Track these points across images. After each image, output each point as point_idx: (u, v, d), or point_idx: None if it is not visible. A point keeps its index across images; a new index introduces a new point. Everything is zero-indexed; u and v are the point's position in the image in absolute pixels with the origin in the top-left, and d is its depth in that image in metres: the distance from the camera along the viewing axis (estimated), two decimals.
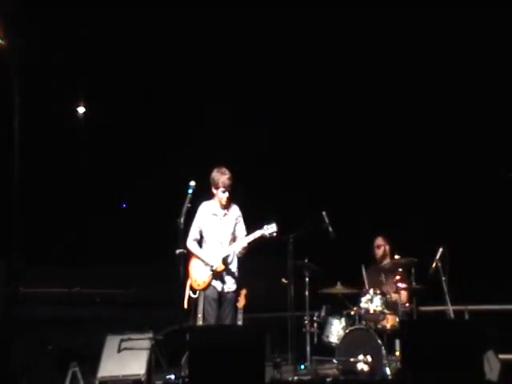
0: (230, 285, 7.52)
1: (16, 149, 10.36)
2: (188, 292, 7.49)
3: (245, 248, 7.43)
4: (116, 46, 11.24)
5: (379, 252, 8.83)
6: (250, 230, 7.54)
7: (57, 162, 11.67)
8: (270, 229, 7.34)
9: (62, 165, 11.71)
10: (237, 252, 7.47)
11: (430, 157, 11.26)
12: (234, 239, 7.54)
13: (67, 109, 12.17)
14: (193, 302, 7.46)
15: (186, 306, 7.47)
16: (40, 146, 11.26)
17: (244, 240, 7.43)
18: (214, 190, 7.56)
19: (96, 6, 10.58)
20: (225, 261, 7.44)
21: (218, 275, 7.46)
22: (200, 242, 7.67)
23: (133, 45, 11.26)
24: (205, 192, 7.63)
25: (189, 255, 7.57)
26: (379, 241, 8.87)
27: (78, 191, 11.78)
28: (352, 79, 11.29)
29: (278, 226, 7.34)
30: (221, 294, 7.47)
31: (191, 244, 7.61)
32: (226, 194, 7.48)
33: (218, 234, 7.55)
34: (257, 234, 7.38)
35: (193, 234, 7.64)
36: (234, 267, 7.56)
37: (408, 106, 11.28)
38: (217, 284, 7.47)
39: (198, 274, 7.49)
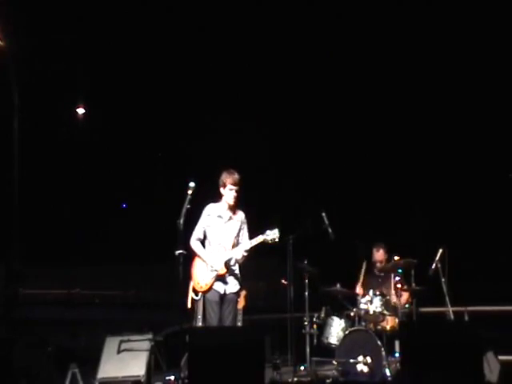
0: (232, 286, 7.48)
1: (15, 150, 10.36)
2: (191, 294, 7.48)
3: (246, 252, 7.40)
4: (117, 46, 11.24)
5: (380, 265, 8.78)
6: (252, 234, 7.49)
7: (56, 162, 11.66)
8: (272, 235, 7.27)
9: (62, 165, 11.70)
10: (239, 257, 7.44)
11: (430, 157, 11.26)
12: (236, 244, 7.50)
13: (67, 110, 12.16)
14: (201, 304, 7.46)
15: (189, 305, 7.46)
16: (39, 147, 11.26)
17: (246, 244, 7.40)
18: (222, 190, 7.51)
19: (97, 8, 10.60)
20: (227, 264, 7.42)
21: (220, 277, 7.45)
22: (203, 243, 7.64)
23: (133, 45, 11.26)
24: (205, 194, 7.62)
25: (192, 256, 7.56)
26: (381, 255, 8.79)
27: (78, 192, 11.77)
28: (352, 82, 11.29)
29: (280, 231, 7.27)
30: (222, 296, 7.45)
31: (194, 243, 7.57)
32: (234, 193, 7.45)
33: (221, 237, 7.51)
34: (259, 239, 7.32)
35: (196, 233, 7.60)
36: (236, 269, 7.54)
37: (409, 107, 11.28)
38: (219, 286, 7.43)
39: (201, 276, 7.45)
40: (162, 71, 11.60)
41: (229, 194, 7.45)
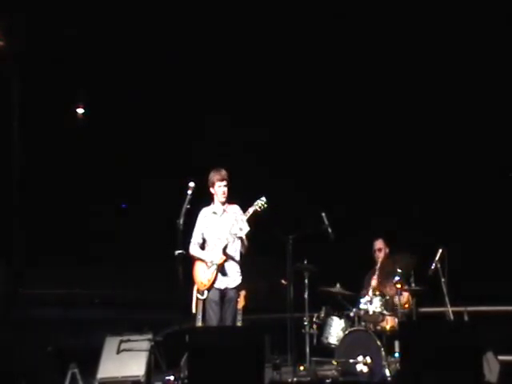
0: (233, 280, 7.50)
1: (16, 149, 10.38)
2: (195, 295, 7.48)
3: (243, 241, 7.41)
4: (117, 46, 11.24)
5: (380, 255, 8.80)
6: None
7: (56, 162, 11.65)
8: (261, 202, 7.41)
9: (62, 165, 11.69)
10: (239, 246, 7.46)
11: (430, 157, 11.25)
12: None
13: (66, 109, 12.15)
14: (201, 304, 7.47)
15: (194, 310, 7.47)
16: (39, 147, 11.26)
17: (240, 222, 7.38)
18: (212, 190, 7.59)
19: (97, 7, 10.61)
20: (224, 250, 7.44)
21: (221, 269, 7.45)
22: (203, 246, 7.67)
23: (133, 45, 11.26)
24: (205, 194, 7.63)
25: (192, 262, 7.57)
26: (379, 244, 8.84)
27: (78, 192, 11.76)
28: (351, 80, 11.28)
29: (267, 197, 7.41)
30: (223, 293, 7.47)
31: (193, 248, 7.61)
32: (222, 188, 7.50)
33: (217, 231, 7.54)
34: (250, 211, 7.41)
35: (194, 239, 7.65)
36: (236, 258, 7.55)
37: (409, 106, 11.27)
38: (219, 282, 7.45)
39: (203, 275, 7.48)
40: (161, 71, 11.59)
41: (218, 190, 7.52)
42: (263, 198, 7.42)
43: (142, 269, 10.95)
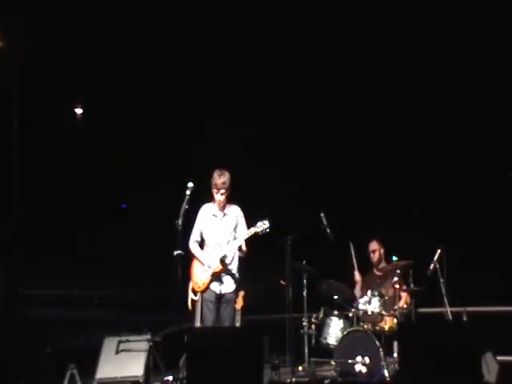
0: (229, 286, 7.52)
1: (15, 149, 10.39)
2: (190, 294, 7.51)
3: (241, 248, 7.43)
4: (116, 45, 11.25)
5: (375, 256, 8.82)
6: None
7: (56, 162, 11.66)
8: (263, 225, 7.36)
9: (62, 165, 11.70)
10: (237, 251, 7.47)
11: (429, 157, 11.26)
12: (234, 239, 7.53)
13: (66, 110, 12.16)
14: (199, 304, 7.48)
15: (190, 307, 7.49)
16: (39, 147, 11.27)
17: (239, 239, 7.43)
18: (212, 192, 7.60)
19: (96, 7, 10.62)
20: (223, 261, 7.44)
21: (216, 276, 7.46)
22: (201, 244, 7.68)
23: (133, 44, 11.27)
24: (204, 194, 7.63)
25: (190, 258, 7.58)
26: (374, 245, 8.85)
27: (78, 192, 11.78)
28: (350, 80, 11.28)
29: (270, 222, 7.36)
30: (219, 296, 7.48)
31: (192, 246, 7.63)
32: (219, 196, 7.50)
33: (217, 235, 7.55)
34: (251, 231, 7.40)
35: (194, 235, 7.66)
36: (233, 267, 7.55)
37: (408, 107, 11.28)
38: (215, 286, 7.47)
39: (199, 276, 7.50)
40: (161, 71, 11.60)
41: (215, 197, 7.52)
42: (266, 222, 7.36)
43: (141, 269, 10.95)
